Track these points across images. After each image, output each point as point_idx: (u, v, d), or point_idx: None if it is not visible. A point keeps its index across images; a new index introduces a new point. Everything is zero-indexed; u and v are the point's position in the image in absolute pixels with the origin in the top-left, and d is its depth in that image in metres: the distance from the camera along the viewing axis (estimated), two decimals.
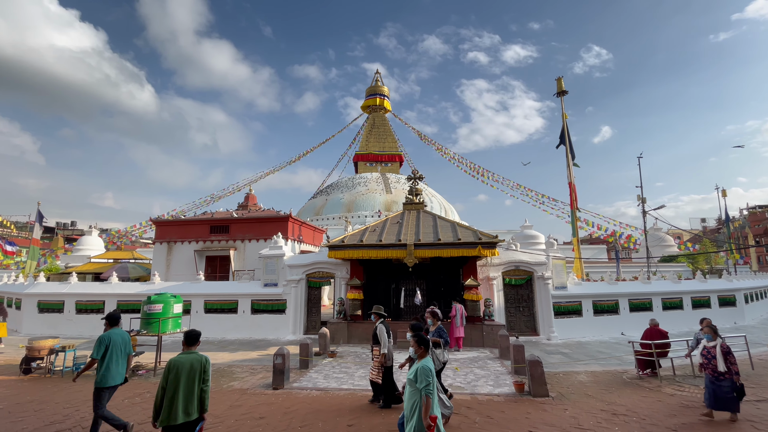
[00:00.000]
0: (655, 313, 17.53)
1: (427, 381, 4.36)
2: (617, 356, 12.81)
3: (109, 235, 40.77)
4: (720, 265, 35.10)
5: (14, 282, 22.41)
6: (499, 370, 11.08)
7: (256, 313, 17.66)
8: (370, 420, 7.27)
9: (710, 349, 7.22)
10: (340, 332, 15.38)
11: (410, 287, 16.31)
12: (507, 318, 16.80)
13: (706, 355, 7.28)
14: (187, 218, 27.34)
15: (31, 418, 7.48)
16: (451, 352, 13.55)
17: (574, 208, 22.15)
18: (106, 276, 22.30)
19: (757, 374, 10.42)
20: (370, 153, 52.79)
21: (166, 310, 11.44)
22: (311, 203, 47.74)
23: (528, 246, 26.45)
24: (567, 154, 22.31)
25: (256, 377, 10.63)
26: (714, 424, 6.96)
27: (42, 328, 18.48)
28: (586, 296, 17.40)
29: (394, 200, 41.40)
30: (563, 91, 23.34)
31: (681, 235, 52.11)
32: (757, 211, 67.32)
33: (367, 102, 56.91)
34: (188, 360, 4.83)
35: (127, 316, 14.54)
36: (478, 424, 7.04)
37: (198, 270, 22.77)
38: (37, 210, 26.35)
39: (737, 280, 22.24)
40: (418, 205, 19.09)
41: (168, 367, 4.73)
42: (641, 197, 26.22)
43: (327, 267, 17.73)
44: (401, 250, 15.13)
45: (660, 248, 39.12)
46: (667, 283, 19.63)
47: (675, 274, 23.14)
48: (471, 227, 16.79)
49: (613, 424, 7.02)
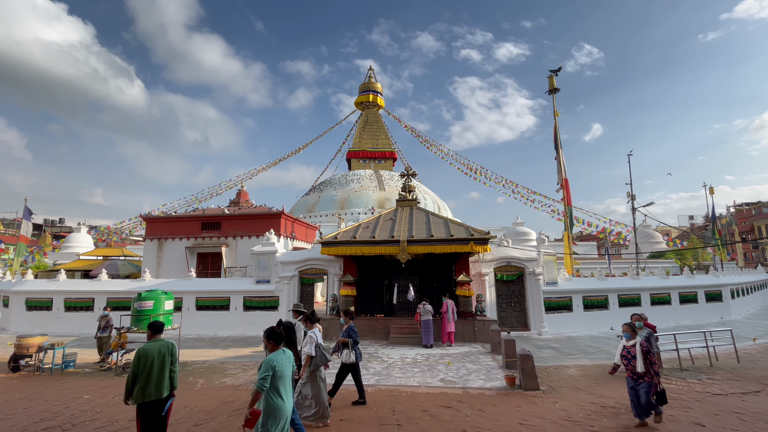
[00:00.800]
0: (643, 308, 17.80)
1: (263, 375, 4.35)
2: (606, 350, 12.99)
3: (98, 231, 40.26)
4: (707, 261, 35.70)
5: (2, 279, 22.05)
6: (491, 364, 11.18)
7: (249, 310, 17.61)
8: (362, 414, 7.31)
9: (630, 349, 6.65)
10: (334, 328, 15.39)
11: (403, 283, 16.36)
12: (499, 313, 16.95)
13: (626, 355, 6.69)
14: (178, 215, 27.08)
15: (21, 416, 7.40)
16: (442, 347, 13.66)
17: (568, 205, 22.34)
18: (95, 273, 22.05)
19: (742, 367, 10.65)
20: (364, 150, 52.70)
21: (157, 307, 11.37)
22: (304, 200, 47.59)
23: (519, 242, 26.67)
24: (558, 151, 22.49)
25: (248, 374, 10.61)
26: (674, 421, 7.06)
27: (30, 326, 18.22)
28: (576, 292, 17.61)
29: (388, 197, 41.43)
30: (555, 88, 23.49)
31: (669, 231, 52.89)
32: (743, 208, 68.58)
33: (360, 98, 56.76)
34: (156, 347, 5.36)
35: (117, 313, 14.41)
36: (470, 417, 7.12)
37: (189, 267, 22.61)
38: (25, 206, 25.92)
39: (724, 275, 22.66)
40: (411, 202, 19.13)
41: (138, 355, 5.21)
42: (631, 194, 26.54)
43: (320, 263, 17.71)
44: (394, 247, 15.17)
45: (649, 245, 39.66)
46: (655, 278, 19.94)
47: (663, 270, 23.50)
48: (463, 224, 16.88)
49: (602, 416, 7.14)
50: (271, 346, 4.74)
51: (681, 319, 18.63)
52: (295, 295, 17.68)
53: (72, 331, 17.49)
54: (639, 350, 6.48)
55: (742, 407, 7.49)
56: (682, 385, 9.03)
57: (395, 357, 12.21)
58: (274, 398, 4.40)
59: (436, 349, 13.29)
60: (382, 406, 7.75)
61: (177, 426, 6.76)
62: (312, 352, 6.57)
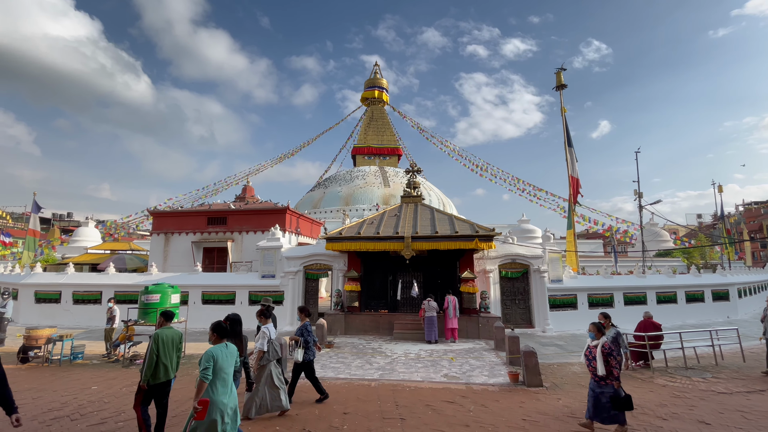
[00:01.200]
0: (649, 306, 17.70)
1: (204, 366, 4.45)
2: None
3: (105, 226, 40.65)
4: (715, 260, 35.36)
5: (11, 272, 22.37)
6: (494, 361, 11.20)
7: (254, 304, 17.70)
8: (366, 407, 7.36)
9: (592, 349, 6.29)
10: (338, 323, 15.47)
11: (407, 279, 16.39)
12: (503, 310, 16.93)
13: (588, 355, 6.36)
14: (184, 210, 27.29)
15: (29, 406, 7.53)
16: (446, 343, 13.69)
17: (573, 202, 22.20)
18: (103, 267, 22.28)
19: (748, 366, 10.58)
20: (369, 146, 52.63)
21: (163, 300, 11.50)
22: (309, 196, 47.68)
23: (525, 240, 26.57)
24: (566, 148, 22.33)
25: None
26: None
27: (39, 318, 18.50)
28: (581, 289, 17.54)
29: (392, 194, 41.39)
30: (562, 84, 23.28)
31: (677, 230, 52.44)
32: (752, 207, 67.73)
33: (366, 94, 56.59)
34: (170, 333, 5.79)
35: (124, 306, 14.60)
36: (473, 413, 7.14)
37: (195, 261, 22.79)
38: (34, 201, 26.24)
39: (731, 274, 22.44)
40: (415, 198, 19.12)
41: (157, 339, 5.55)
42: (638, 192, 26.34)
43: (324, 259, 17.78)
44: (399, 243, 15.18)
45: (656, 243, 39.31)
46: (661, 277, 19.80)
47: (670, 268, 23.34)
48: (468, 220, 16.84)
49: None
50: (214, 338, 4.88)
51: (687, 318, 18.50)
52: (300, 290, 17.79)
53: (80, 324, 17.72)
54: (599, 351, 6.11)
55: (746, 406, 7.45)
56: (687, 384, 8.99)
57: (399, 352, 12.26)
58: (208, 390, 4.47)
59: (440, 345, 13.32)
60: (385, 400, 7.79)
61: (183, 417, 6.84)
62: (264, 347, 6.69)
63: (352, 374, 9.78)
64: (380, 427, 6.46)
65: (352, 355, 11.96)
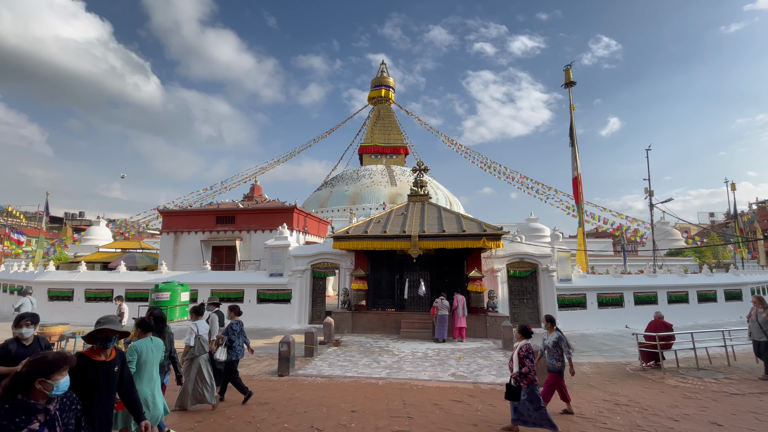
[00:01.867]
0: (660, 306, 17.48)
1: (128, 360, 4.56)
2: (621, 348, 12.83)
3: (115, 225, 41.21)
4: (727, 259, 34.78)
5: (24, 270, 22.80)
6: (502, 360, 11.14)
7: (262, 302, 17.86)
8: (374, 406, 7.38)
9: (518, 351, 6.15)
10: (345, 322, 15.52)
11: (414, 278, 16.38)
12: (511, 310, 16.85)
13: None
14: (193, 209, 27.55)
15: None
16: (454, 342, 13.67)
17: (579, 202, 22.00)
18: (114, 265, 22.60)
19: (761, 367, 10.35)
20: (375, 145, 52.64)
21: (173, 298, 11.65)
22: (316, 195, 47.85)
23: (533, 239, 26.40)
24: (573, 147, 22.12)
25: (261, 365, 10.80)
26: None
27: (52, 315, 18.76)
28: (590, 289, 17.38)
29: (399, 192, 41.37)
30: (571, 81, 23.05)
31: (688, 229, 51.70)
32: (766, 205, 66.49)
33: (373, 93, 56.57)
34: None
35: (135, 304, 14.79)
36: (481, 412, 7.12)
37: (204, 260, 23.00)
38: (46, 200, 26.71)
39: (744, 274, 22.07)
40: (422, 197, 19.08)
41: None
42: (648, 190, 25.99)
43: (332, 258, 17.84)
44: (406, 242, 15.17)
45: (667, 242, 38.82)
46: (672, 276, 19.54)
47: (681, 268, 23.03)
48: (476, 219, 16.77)
49: (615, 414, 7.07)
50: (138, 333, 5.03)
51: (699, 318, 18.24)
52: (308, 289, 17.87)
53: (92, 321, 17.78)
54: (516, 353, 6.06)
55: (759, 407, 7.33)
56: (699, 385, 8.87)
57: (406, 351, 12.26)
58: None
59: (447, 344, 13.30)
60: (393, 399, 7.80)
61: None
62: (191, 342, 6.98)
63: (359, 372, 9.81)
64: (388, 425, 6.47)
65: (359, 353, 12.00)
